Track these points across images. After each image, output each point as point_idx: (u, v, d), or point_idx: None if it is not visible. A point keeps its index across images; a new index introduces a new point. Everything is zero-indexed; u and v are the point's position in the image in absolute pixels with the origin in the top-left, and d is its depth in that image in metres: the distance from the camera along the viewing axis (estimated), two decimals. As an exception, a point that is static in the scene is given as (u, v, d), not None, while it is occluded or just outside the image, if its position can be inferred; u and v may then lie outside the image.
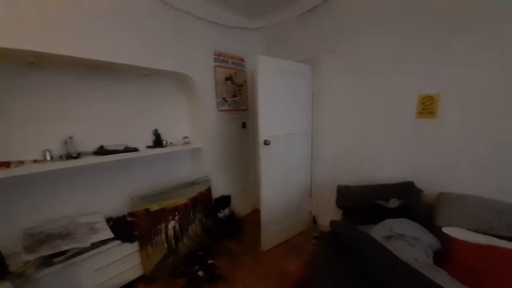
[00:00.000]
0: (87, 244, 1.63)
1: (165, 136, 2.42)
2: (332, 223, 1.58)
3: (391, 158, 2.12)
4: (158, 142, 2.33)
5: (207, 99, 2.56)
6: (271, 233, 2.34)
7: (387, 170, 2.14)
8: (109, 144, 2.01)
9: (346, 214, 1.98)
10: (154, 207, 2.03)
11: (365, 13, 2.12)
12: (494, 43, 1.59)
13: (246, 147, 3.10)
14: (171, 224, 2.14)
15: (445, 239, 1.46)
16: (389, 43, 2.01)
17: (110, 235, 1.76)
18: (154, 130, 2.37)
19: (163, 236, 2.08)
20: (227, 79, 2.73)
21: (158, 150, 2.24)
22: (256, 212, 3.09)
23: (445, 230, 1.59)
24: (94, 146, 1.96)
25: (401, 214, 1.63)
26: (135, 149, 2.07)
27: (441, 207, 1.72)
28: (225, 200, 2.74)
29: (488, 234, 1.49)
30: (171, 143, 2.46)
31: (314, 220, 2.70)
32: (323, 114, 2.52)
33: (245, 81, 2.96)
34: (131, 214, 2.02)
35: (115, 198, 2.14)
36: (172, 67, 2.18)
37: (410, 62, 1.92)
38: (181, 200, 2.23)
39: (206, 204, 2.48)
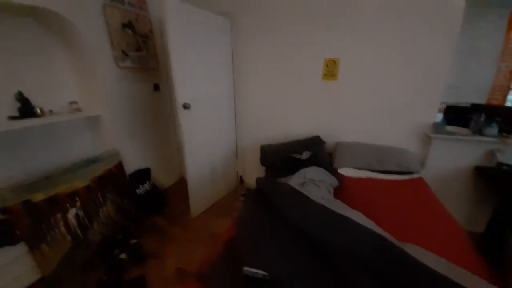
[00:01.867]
0: None
1: (39, 102, 1.76)
2: (258, 179, 1.70)
3: (303, 116, 2.39)
4: (26, 110, 1.68)
5: (99, 52, 1.95)
6: (200, 199, 2.32)
7: (300, 127, 2.42)
8: None
9: (269, 170, 2.16)
10: (38, 196, 1.55)
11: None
12: (383, 17, 1.90)
13: (162, 112, 2.73)
14: (72, 212, 1.73)
15: (340, 178, 1.85)
16: (302, 15, 2.08)
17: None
18: (17, 94, 1.67)
19: (63, 228, 1.68)
20: (125, 25, 2.14)
21: (28, 122, 1.62)
22: (182, 181, 2.96)
23: (340, 170, 2.01)
24: None
25: (311, 163, 1.91)
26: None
27: (337, 154, 2.15)
28: (143, 174, 2.44)
29: (367, 170, 2.00)
30: (50, 111, 1.83)
31: (241, 180, 2.85)
32: (243, 75, 2.47)
33: (150, 31, 2.43)
34: (2, 211, 1.48)
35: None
36: (32, 1, 1.48)
37: (319, 30, 2.08)
38: (79, 182, 1.80)
39: (119, 182, 2.12)
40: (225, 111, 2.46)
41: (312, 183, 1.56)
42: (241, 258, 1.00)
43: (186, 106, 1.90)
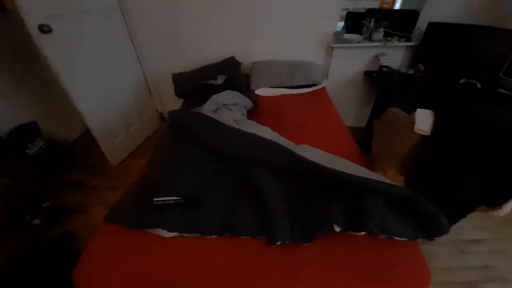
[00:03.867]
0: None
1: None
2: (170, 113, 1.59)
3: (215, 35, 2.12)
4: None
5: None
6: (116, 146, 2.10)
7: (214, 49, 2.18)
8: None
9: (185, 101, 2.02)
10: None
11: None
12: None
13: (27, 44, 1.96)
14: None
15: (256, 98, 1.90)
16: None
17: None
18: None
19: None
20: None
21: None
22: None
23: (256, 91, 2.05)
24: None
25: (227, 87, 1.85)
26: None
27: (253, 74, 2.12)
28: (28, 130, 1.95)
29: (280, 88, 2.09)
30: None
31: (162, 117, 2.64)
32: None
33: None
34: None
35: None
36: None
37: None
38: None
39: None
40: (113, 33, 1.92)
41: (225, 107, 1.56)
42: (153, 189, 1.02)
43: (44, 29, 1.38)
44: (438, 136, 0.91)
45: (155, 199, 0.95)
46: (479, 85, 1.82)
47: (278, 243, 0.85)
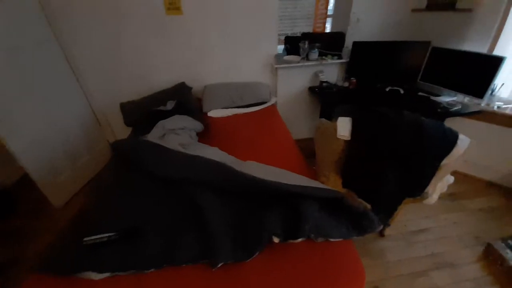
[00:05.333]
0: None
1: None
2: (113, 144, 1.53)
3: (163, 62, 2.16)
4: None
5: None
6: (60, 185, 1.92)
7: (162, 75, 2.21)
8: None
9: (135, 129, 1.97)
10: None
11: None
12: None
13: None
14: None
15: (208, 121, 1.94)
16: None
17: None
18: None
19: None
20: None
21: None
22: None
23: (209, 113, 2.10)
24: None
25: (178, 112, 1.87)
26: None
27: (205, 97, 2.18)
28: None
29: (233, 108, 2.16)
30: None
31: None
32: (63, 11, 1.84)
33: None
34: None
35: None
36: None
37: None
38: None
39: None
40: (50, 67, 1.85)
41: (172, 132, 1.56)
42: (87, 227, 0.95)
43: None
44: (356, 139, 1.02)
45: (85, 239, 0.89)
46: (402, 91, 2.10)
47: (220, 264, 0.84)
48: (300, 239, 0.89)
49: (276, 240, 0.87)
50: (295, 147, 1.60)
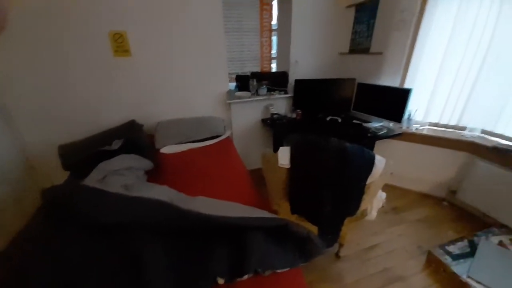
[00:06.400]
0: None
1: None
2: (42, 191, 1.36)
3: (108, 102, 2.11)
4: None
5: None
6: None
7: (108, 114, 2.14)
8: None
9: (75, 174, 1.79)
10: None
11: None
12: None
13: None
14: None
15: (161, 158, 1.88)
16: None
17: None
18: None
19: None
20: None
21: None
22: None
23: (162, 150, 2.04)
24: None
25: (127, 151, 1.77)
26: None
27: (157, 134, 2.14)
28: None
29: (188, 143, 2.15)
30: None
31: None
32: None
33: None
34: None
35: None
36: None
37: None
38: None
39: None
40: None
41: (116, 173, 1.46)
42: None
43: None
44: (294, 166, 1.11)
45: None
46: (340, 120, 2.39)
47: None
48: (246, 276, 0.87)
49: (221, 281, 0.83)
50: (248, 177, 1.64)
